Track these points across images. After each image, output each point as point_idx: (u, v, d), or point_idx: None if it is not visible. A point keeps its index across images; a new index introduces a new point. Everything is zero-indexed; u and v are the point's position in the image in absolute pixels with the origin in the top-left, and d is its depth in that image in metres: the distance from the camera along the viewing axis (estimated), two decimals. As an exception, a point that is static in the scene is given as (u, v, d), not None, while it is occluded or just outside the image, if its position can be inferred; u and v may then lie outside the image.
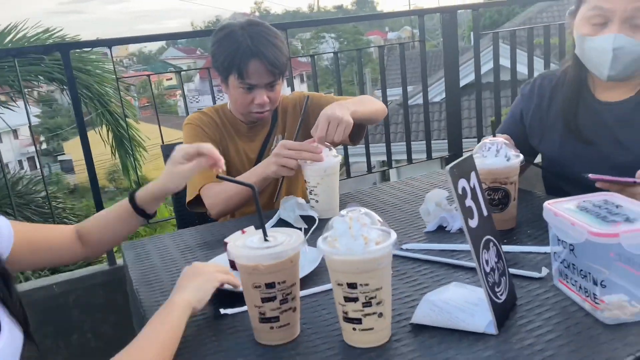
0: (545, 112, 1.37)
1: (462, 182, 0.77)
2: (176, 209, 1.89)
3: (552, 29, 2.93)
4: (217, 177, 0.95)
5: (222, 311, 0.91)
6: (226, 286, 0.94)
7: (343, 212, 0.78)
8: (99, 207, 2.19)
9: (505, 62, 2.84)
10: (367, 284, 0.74)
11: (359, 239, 0.75)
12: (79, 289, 2.20)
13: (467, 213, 0.76)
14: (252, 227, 1.11)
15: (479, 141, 2.86)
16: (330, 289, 0.94)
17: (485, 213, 0.82)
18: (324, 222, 1.29)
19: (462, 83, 3.70)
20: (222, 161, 1.04)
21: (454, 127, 2.78)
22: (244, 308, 0.90)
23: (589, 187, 1.02)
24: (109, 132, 5.87)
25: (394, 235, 0.77)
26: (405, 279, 0.97)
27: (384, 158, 2.87)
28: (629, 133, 1.24)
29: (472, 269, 0.98)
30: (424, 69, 2.65)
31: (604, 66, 1.20)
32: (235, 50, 1.47)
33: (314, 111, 1.60)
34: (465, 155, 0.82)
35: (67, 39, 5.43)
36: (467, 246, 1.06)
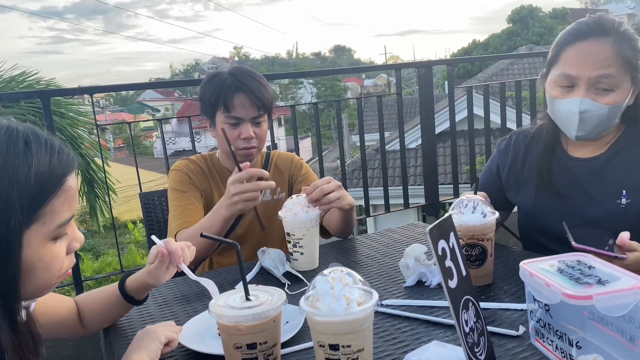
0: (521, 167, 1.43)
1: (442, 243, 0.79)
2: (153, 258, 1.86)
3: (523, 83, 3.06)
4: (201, 235, 0.96)
5: (200, 371, 0.90)
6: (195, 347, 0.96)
7: (325, 271, 0.79)
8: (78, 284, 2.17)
9: (478, 110, 2.95)
10: (349, 346, 0.75)
11: (341, 300, 0.75)
12: (46, 339, 2.12)
13: (446, 274, 0.78)
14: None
15: (454, 188, 2.96)
16: (311, 348, 0.94)
17: (463, 273, 0.84)
18: (306, 274, 1.31)
19: (438, 130, 3.82)
20: (179, 256, 1.06)
21: (430, 176, 2.84)
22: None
23: (563, 239, 1.06)
24: (78, 175, 5.81)
25: (375, 296, 0.78)
26: (386, 337, 0.98)
27: (361, 202, 2.90)
28: (599, 188, 1.29)
29: (452, 326, 0.99)
30: (401, 122, 2.73)
31: (572, 127, 1.26)
32: (221, 86, 1.56)
33: (300, 183, 1.66)
34: (442, 200, 0.85)
35: (43, 81, 5.44)
36: (446, 302, 1.08)
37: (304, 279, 1.29)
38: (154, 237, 1.08)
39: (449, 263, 0.80)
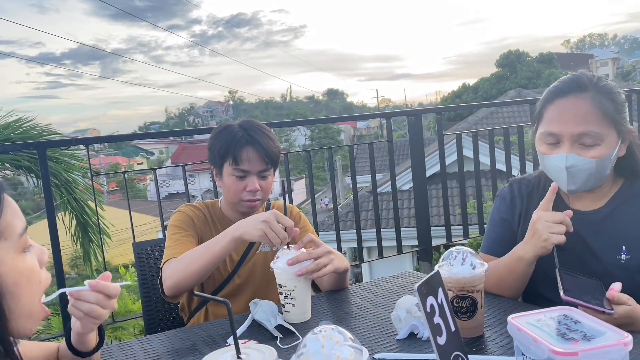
0: (523, 217, 1.42)
1: (430, 300, 0.81)
2: (145, 309, 1.85)
3: (512, 128, 3.15)
4: (194, 294, 0.97)
5: None
6: None
7: (316, 329, 0.80)
8: (64, 311, 2.14)
9: (468, 152, 3.02)
10: (340, 405, 0.75)
11: (332, 358, 0.76)
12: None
13: (435, 330, 0.79)
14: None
15: (447, 230, 2.99)
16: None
17: (452, 328, 0.85)
18: (299, 326, 1.31)
19: (429, 172, 3.89)
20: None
21: (422, 221, 2.87)
22: None
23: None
24: (72, 220, 5.79)
25: (365, 354, 0.78)
26: (378, 392, 0.97)
27: (355, 245, 2.91)
28: (599, 242, 1.30)
29: (443, 380, 0.99)
30: (392, 168, 2.78)
31: (562, 182, 1.29)
32: (232, 139, 1.60)
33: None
34: (435, 245, 0.87)
35: (38, 126, 5.50)
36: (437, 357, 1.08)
37: (296, 332, 1.28)
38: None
39: (437, 319, 0.81)
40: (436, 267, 1.06)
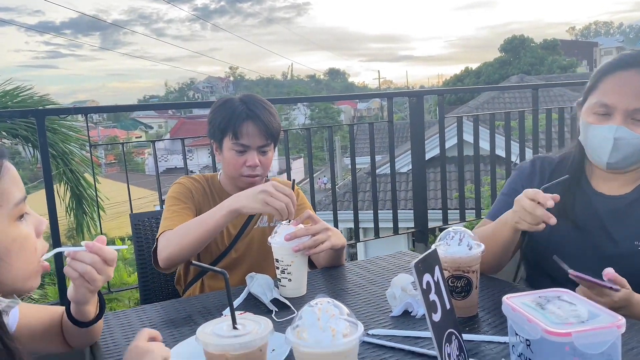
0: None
1: (427, 277, 0.81)
2: (141, 280, 1.86)
3: (513, 113, 3.13)
4: (191, 263, 0.96)
5: (186, 398, 0.90)
6: None
7: (312, 302, 0.80)
8: (59, 264, 2.15)
9: (468, 137, 3.01)
10: (333, 377, 0.76)
11: (327, 331, 0.77)
12: (33, 351, 2.09)
13: (430, 307, 0.80)
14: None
15: (444, 214, 2.99)
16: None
17: (447, 306, 0.85)
18: (294, 301, 1.31)
19: (428, 156, 3.89)
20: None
21: (420, 203, 2.87)
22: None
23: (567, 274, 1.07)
24: (67, 191, 5.78)
25: (361, 328, 0.79)
26: (371, 367, 0.99)
27: (351, 225, 2.92)
28: (619, 227, 1.29)
29: (435, 357, 1.00)
30: (392, 149, 2.76)
31: (604, 153, 1.27)
32: (232, 113, 1.59)
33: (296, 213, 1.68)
34: (431, 227, 0.87)
35: (36, 96, 5.46)
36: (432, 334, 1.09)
37: (291, 306, 1.29)
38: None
39: (433, 297, 0.82)
40: (433, 246, 1.06)
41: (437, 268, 0.86)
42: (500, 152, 3.34)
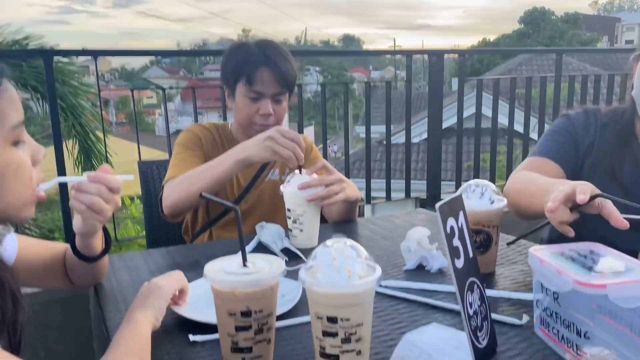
0: (591, 149, 1.33)
1: (451, 221, 0.76)
2: (147, 227, 1.83)
3: (535, 80, 3.02)
4: (201, 195, 0.92)
5: (192, 338, 0.87)
6: (187, 314, 0.90)
7: (328, 242, 0.76)
8: (67, 219, 2.12)
9: (486, 110, 2.91)
10: (347, 319, 0.72)
11: (343, 272, 0.72)
12: (35, 304, 2.09)
13: (454, 253, 0.75)
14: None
15: (457, 184, 2.92)
16: (306, 323, 0.91)
17: (471, 254, 0.80)
18: (305, 252, 1.27)
19: (444, 125, 3.79)
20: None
21: (434, 168, 2.80)
22: (215, 336, 0.86)
23: (605, 234, 0.97)
24: (75, 145, 5.77)
25: (379, 271, 0.74)
26: (384, 317, 0.95)
27: (362, 192, 2.88)
28: None
29: (451, 311, 0.96)
30: (408, 108, 2.68)
31: None
32: (247, 57, 1.52)
33: (308, 165, 1.62)
34: (444, 197, 0.82)
35: (47, 46, 5.40)
36: (447, 287, 1.05)
37: (302, 256, 1.25)
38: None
39: (456, 242, 0.77)
40: (457, 192, 1.00)
41: (461, 214, 0.80)
42: (519, 127, 3.23)
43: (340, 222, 1.55)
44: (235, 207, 0.84)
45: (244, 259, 0.79)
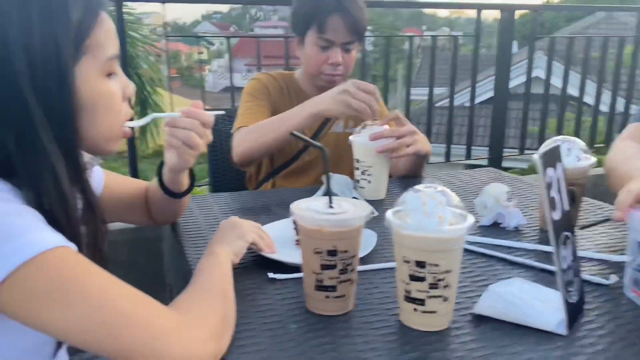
0: None
1: (550, 171, 0.73)
2: (211, 174, 1.86)
3: (611, 41, 2.83)
4: (291, 134, 0.91)
5: (271, 275, 0.88)
6: (268, 255, 0.92)
7: (418, 186, 0.74)
8: (133, 163, 2.19)
9: (542, 73, 2.77)
10: (437, 265, 0.70)
11: (433, 217, 0.71)
12: (115, 220, 2.19)
13: (551, 204, 0.72)
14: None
15: (520, 151, 2.81)
16: (382, 269, 0.91)
17: (566, 207, 0.77)
18: (373, 204, 1.26)
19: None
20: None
21: (498, 131, 2.71)
22: (292, 275, 0.87)
23: None
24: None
25: (471, 218, 0.72)
26: (462, 270, 0.92)
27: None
28: None
29: (531, 268, 0.94)
30: (475, 66, 2.58)
31: None
32: (319, 3, 1.47)
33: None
34: (506, 155, 0.77)
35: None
36: (525, 244, 1.03)
37: (371, 207, 1.24)
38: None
39: (554, 194, 0.73)
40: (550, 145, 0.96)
41: (559, 165, 0.77)
42: (589, 99, 3.05)
43: (406, 176, 1.52)
44: (323, 147, 0.83)
45: (330, 200, 0.78)
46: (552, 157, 0.74)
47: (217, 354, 0.66)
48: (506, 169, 1.97)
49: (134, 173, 2.23)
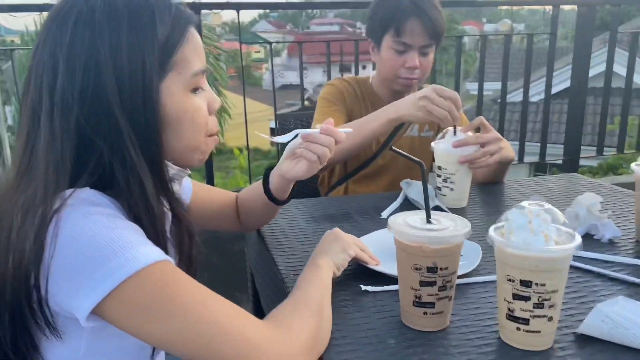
0: None
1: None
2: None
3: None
4: (391, 149, 0.92)
5: (363, 287, 0.89)
6: (373, 267, 0.93)
7: (523, 203, 0.73)
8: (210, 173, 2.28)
9: (619, 69, 2.63)
10: (543, 284, 0.69)
11: (539, 235, 0.69)
12: (202, 227, 2.29)
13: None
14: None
15: (598, 150, 2.68)
16: (477, 283, 0.90)
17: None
18: (454, 212, 1.24)
19: (557, 89, 3.43)
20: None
21: (574, 128, 2.59)
22: (386, 287, 0.88)
23: None
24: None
25: (578, 238, 0.70)
26: (558, 284, 0.90)
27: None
28: None
29: (633, 284, 0.90)
30: (551, 64, 2.48)
31: None
32: (396, 7, 1.48)
33: None
34: (583, 157, 0.73)
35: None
36: (621, 258, 0.98)
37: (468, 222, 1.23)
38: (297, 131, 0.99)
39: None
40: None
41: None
42: None
43: (486, 183, 1.49)
44: (421, 162, 0.83)
45: (428, 215, 0.78)
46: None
47: None
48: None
49: (210, 181, 2.31)
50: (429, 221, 0.78)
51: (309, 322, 0.72)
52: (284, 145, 1.00)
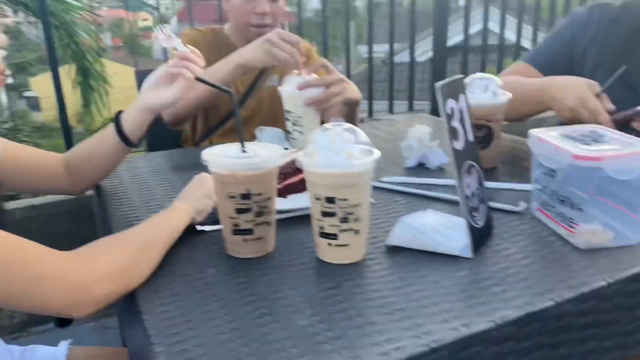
0: (599, 48, 1.28)
1: (451, 103, 0.75)
2: (149, 138, 1.83)
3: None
4: (196, 78, 0.90)
5: (199, 227, 0.88)
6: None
7: (326, 125, 0.75)
8: (69, 145, 2.13)
9: (493, 26, 2.81)
10: (345, 199, 0.73)
11: (341, 154, 0.72)
12: (43, 215, 2.14)
13: (452, 134, 0.75)
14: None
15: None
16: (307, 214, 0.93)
17: (470, 138, 0.80)
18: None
19: (451, 42, 3.62)
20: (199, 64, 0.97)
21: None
22: (220, 226, 0.88)
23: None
24: (72, 64, 5.64)
25: (377, 153, 0.74)
26: (382, 207, 0.96)
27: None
28: None
29: (449, 202, 0.98)
30: (413, 23, 2.57)
31: None
32: None
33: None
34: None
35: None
36: (445, 181, 1.06)
37: (285, 149, 1.25)
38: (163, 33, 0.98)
39: (455, 124, 0.76)
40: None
41: (462, 98, 0.79)
42: (527, 43, 3.12)
43: None
44: (229, 90, 0.83)
45: (242, 145, 0.79)
46: (454, 89, 0.77)
47: (109, 295, 0.67)
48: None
49: (69, 145, 2.16)
50: (243, 150, 0.79)
51: (120, 255, 0.71)
52: None
